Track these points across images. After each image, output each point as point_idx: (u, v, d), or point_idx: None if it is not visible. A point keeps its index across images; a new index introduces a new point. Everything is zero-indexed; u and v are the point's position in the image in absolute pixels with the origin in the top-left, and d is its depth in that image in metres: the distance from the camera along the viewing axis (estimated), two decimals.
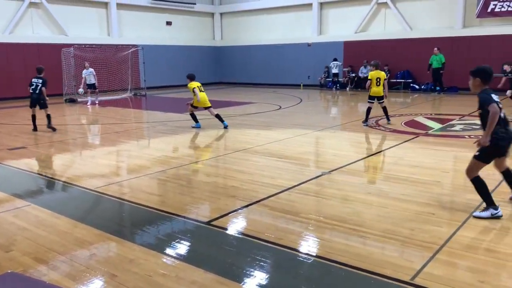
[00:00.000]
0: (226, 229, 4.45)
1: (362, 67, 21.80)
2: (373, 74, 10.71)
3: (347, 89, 22.08)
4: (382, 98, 10.72)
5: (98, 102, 17.56)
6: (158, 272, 3.52)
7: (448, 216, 4.63)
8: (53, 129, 10.81)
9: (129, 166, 7.50)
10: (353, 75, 22.27)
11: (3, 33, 18.93)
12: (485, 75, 4.45)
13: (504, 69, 13.49)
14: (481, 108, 4.43)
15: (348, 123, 11.64)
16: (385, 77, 10.71)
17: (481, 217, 4.51)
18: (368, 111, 10.89)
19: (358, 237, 4.15)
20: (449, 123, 11.02)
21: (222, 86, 26.59)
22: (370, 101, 10.88)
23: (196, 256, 3.95)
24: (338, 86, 22.57)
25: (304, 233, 4.30)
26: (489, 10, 18.52)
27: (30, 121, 10.95)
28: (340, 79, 22.70)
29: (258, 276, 3.46)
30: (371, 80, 10.69)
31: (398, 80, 20.94)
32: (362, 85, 21.78)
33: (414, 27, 20.76)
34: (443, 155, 7.83)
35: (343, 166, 6.87)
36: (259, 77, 26.16)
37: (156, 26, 24.94)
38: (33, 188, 6.36)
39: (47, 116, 10.85)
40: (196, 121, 10.99)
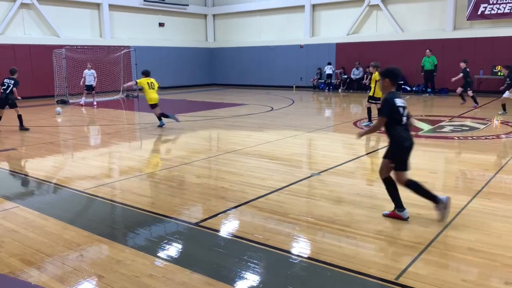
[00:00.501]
0: (215, 230, 4.47)
1: (354, 69, 21.94)
2: (377, 76, 10.67)
3: (339, 90, 22.19)
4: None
5: (96, 103, 17.75)
6: (146, 273, 3.53)
7: (434, 217, 4.68)
8: (25, 129, 11.08)
9: (119, 168, 7.49)
10: (345, 76, 22.39)
11: None
12: (394, 76, 4.70)
13: (503, 73, 13.62)
14: (380, 110, 4.66)
15: (340, 125, 11.70)
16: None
17: (388, 216, 4.69)
18: (368, 110, 10.91)
19: (346, 238, 4.20)
20: (438, 125, 11.12)
21: (214, 88, 26.60)
22: (375, 102, 10.68)
23: (184, 257, 3.96)
24: (331, 87, 22.68)
25: (292, 234, 4.33)
26: (479, 13, 18.71)
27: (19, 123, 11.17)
28: (333, 81, 22.81)
29: (247, 277, 3.49)
30: (378, 81, 10.55)
31: None
32: (354, 86, 21.96)
33: (406, 29, 20.91)
34: (432, 156, 7.91)
35: (333, 167, 6.91)
36: (251, 79, 26.21)
37: (149, 28, 24.89)
38: (22, 190, 6.34)
39: (18, 117, 11.12)
40: (167, 116, 11.42)
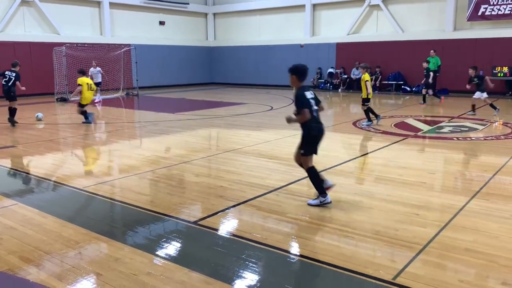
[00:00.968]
0: (213, 229, 4.48)
1: (354, 69, 21.94)
2: (368, 76, 10.71)
3: (339, 90, 22.20)
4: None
5: (100, 100, 18.04)
6: (144, 271, 3.55)
7: (432, 217, 4.70)
8: (14, 123, 11.28)
9: (119, 166, 7.50)
10: (345, 76, 22.39)
11: None
12: (299, 73, 5.18)
13: (469, 73, 13.06)
14: (295, 106, 5.07)
15: (339, 124, 11.70)
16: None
17: (312, 204, 5.05)
18: (370, 110, 10.93)
19: (343, 237, 4.21)
20: (438, 125, 11.13)
21: (214, 87, 26.61)
22: (367, 104, 10.80)
23: (182, 255, 3.98)
24: (331, 87, 22.69)
25: (290, 233, 4.35)
26: (480, 14, 18.72)
27: (20, 120, 11.16)
28: (333, 80, 22.83)
29: (245, 276, 3.50)
30: (368, 81, 10.60)
31: (389, 82, 21.08)
32: (354, 86, 21.97)
33: (406, 29, 20.92)
34: (431, 156, 7.93)
35: (331, 167, 6.92)
36: (251, 78, 26.21)
37: (149, 26, 24.89)
38: (21, 187, 6.35)
39: (13, 110, 11.33)
40: (86, 117, 11.71)
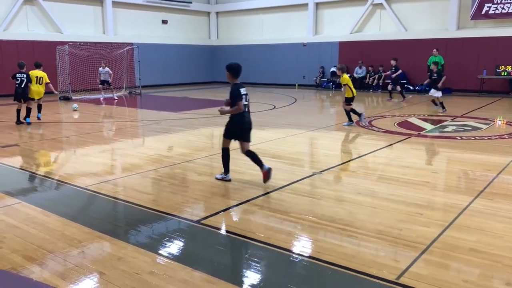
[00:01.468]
0: (216, 228, 4.47)
1: (357, 68, 21.90)
2: (347, 78, 10.99)
3: (342, 89, 22.08)
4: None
5: (103, 99, 18.43)
6: (147, 270, 3.54)
7: (435, 217, 4.68)
8: (22, 123, 11.46)
9: (121, 165, 7.51)
10: (348, 75, 22.31)
11: None
12: (233, 70, 5.69)
13: (431, 68, 13.53)
14: (230, 99, 5.64)
15: (342, 123, 11.67)
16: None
17: (218, 178, 6.07)
18: (353, 111, 11.20)
19: (347, 237, 4.19)
20: (441, 124, 11.10)
21: (217, 85, 26.59)
22: (347, 103, 11.19)
23: (185, 255, 3.97)
24: (334, 86, 22.64)
25: (293, 233, 4.33)
26: (483, 12, 18.63)
27: (20, 117, 11.53)
28: (336, 79, 22.76)
29: (248, 275, 3.49)
30: (349, 83, 11.01)
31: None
32: (357, 85, 21.88)
33: (409, 28, 20.85)
34: (434, 156, 7.91)
35: (334, 166, 6.91)
36: (254, 77, 26.14)
37: (152, 25, 24.90)
38: (24, 186, 6.36)
39: (28, 110, 11.54)
40: (27, 115, 11.54)
